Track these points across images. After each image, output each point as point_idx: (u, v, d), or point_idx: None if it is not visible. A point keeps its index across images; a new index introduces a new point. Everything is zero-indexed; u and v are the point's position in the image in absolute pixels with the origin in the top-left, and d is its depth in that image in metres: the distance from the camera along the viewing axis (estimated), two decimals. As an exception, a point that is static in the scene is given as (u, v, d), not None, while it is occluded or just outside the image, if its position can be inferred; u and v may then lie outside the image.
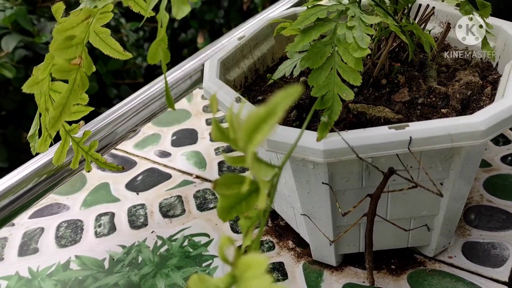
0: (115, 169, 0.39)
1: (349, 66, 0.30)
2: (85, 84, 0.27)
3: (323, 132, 0.30)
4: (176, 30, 1.84)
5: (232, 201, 0.23)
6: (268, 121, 0.19)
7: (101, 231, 0.49)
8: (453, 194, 0.35)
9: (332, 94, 0.30)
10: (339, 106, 0.30)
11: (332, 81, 0.31)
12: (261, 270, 0.20)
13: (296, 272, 0.41)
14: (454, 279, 0.38)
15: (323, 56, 0.31)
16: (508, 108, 0.30)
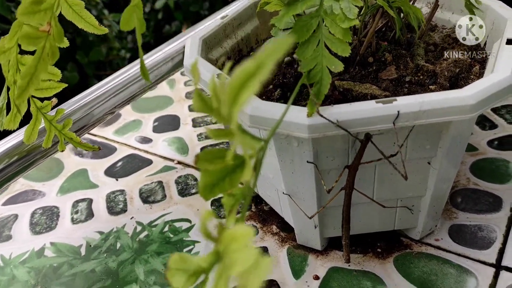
0: (91, 149, 0.37)
1: (337, 38, 0.29)
2: (55, 54, 0.25)
3: (314, 106, 0.29)
4: (160, 21, 1.81)
5: (215, 177, 0.22)
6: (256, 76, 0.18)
7: (78, 218, 0.47)
8: (440, 174, 0.35)
9: (320, 67, 0.29)
10: (328, 79, 0.29)
11: (320, 53, 0.29)
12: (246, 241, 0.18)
13: (280, 257, 0.40)
14: (440, 262, 0.38)
15: (310, 29, 0.30)
16: (498, 82, 0.29)
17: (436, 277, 0.37)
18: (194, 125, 0.59)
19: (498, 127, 0.52)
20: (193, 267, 0.21)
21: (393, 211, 0.38)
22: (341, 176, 0.33)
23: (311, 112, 0.29)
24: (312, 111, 0.29)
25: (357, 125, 0.29)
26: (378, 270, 0.38)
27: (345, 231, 0.35)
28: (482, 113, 0.54)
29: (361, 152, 0.31)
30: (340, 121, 0.29)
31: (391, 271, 0.38)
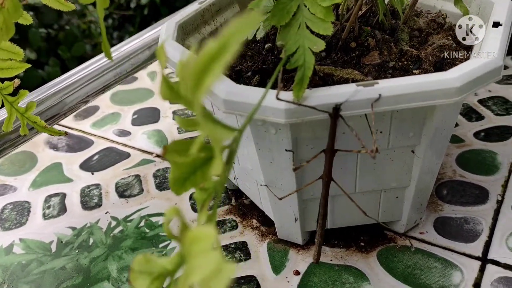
0: (57, 134, 0.35)
1: (318, 17, 0.28)
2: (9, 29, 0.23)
3: (299, 90, 0.27)
4: (147, 17, 1.78)
5: (186, 170, 0.20)
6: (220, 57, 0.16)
7: (50, 213, 0.45)
8: (424, 164, 0.33)
9: (303, 50, 0.28)
10: (312, 61, 0.27)
11: (301, 36, 0.28)
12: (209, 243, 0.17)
13: (260, 252, 0.39)
14: (425, 255, 0.36)
15: (290, 12, 0.28)
16: (484, 64, 0.28)
17: (420, 271, 0.35)
18: (174, 118, 0.58)
19: (485, 119, 0.50)
20: (157, 269, 0.19)
21: (376, 203, 0.36)
22: (315, 158, 0.31)
23: (297, 95, 0.27)
24: (299, 95, 0.27)
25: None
26: (360, 265, 0.36)
27: (319, 227, 0.32)
28: (469, 104, 0.53)
29: (332, 128, 0.28)
30: (318, 106, 0.27)
31: (374, 265, 0.36)
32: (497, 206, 0.40)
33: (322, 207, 0.31)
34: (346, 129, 0.30)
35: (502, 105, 0.52)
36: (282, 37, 0.28)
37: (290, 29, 0.27)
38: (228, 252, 0.39)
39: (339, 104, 0.26)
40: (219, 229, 0.41)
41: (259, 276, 0.36)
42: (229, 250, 0.39)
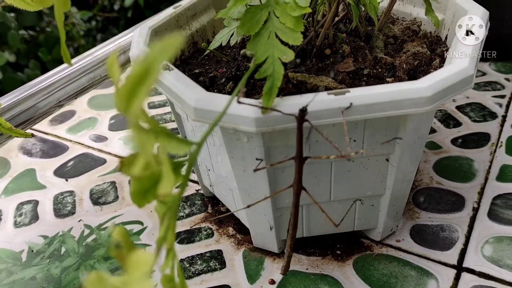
0: (23, 136, 0.34)
1: (288, 27, 0.27)
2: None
3: (268, 100, 0.26)
4: (130, 20, 1.77)
5: (146, 183, 0.20)
6: (145, 81, 0.16)
7: (22, 221, 0.44)
8: (399, 171, 0.33)
9: (272, 60, 0.27)
10: (281, 71, 0.27)
11: (271, 45, 0.27)
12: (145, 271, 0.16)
13: (235, 260, 0.38)
14: (401, 263, 0.36)
15: (260, 21, 0.28)
16: (455, 73, 0.28)
17: (396, 279, 0.35)
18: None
19: (462, 125, 0.51)
20: None
21: (352, 211, 0.36)
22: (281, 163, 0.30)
23: (266, 104, 0.26)
24: (268, 104, 0.27)
25: (309, 118, 0.27)
26: (336, 273, 0.36)
27: (289, 237, 0.31)
28: (447, 111, 0.53)
29: (299, 133, 0.27)
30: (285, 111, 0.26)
31: (350, 274, 0.36)
32: (473, 214, 0.40)
33: (293, 216, 0.31)
34: (319, 137, 0.30)
35: (480, 112, 0.52)
36: (252, 46, 0.27)
37: (260, 38, 0.27)
38: (203, 260, 0.38)
39: (305, 107, 0.26)
40: (195, 237, 0.40)
41: (233, 285, 0.36)
42: (204, 258, 0.38)
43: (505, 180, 0.43)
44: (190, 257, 0.39)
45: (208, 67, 0.39)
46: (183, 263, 0.38)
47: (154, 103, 0.60)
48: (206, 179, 0.42)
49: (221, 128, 0.30)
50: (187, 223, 0.42)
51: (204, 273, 0.37)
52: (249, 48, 0.28)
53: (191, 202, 0.44)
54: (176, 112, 0.39)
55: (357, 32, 0.38)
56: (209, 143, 0.35)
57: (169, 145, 0.17)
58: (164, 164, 0.17)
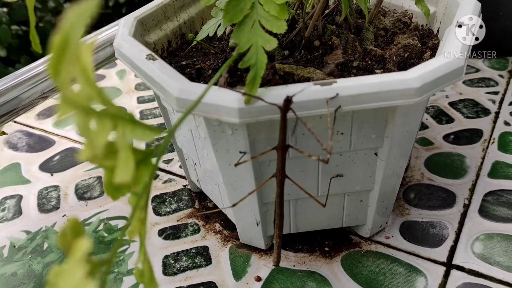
0: None
1: (272, 15, 0.26)
2: None
3: (252, 87, 0.26)
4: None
5: None
6: (67, 49, 0.15)
7: (4, 216, 0.43)
8: (388, 167, 0.32)
9: (255, 49, 0.26)
10: (264, 60, 0.26)
11: (255, 34, 0.27)
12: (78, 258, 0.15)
13: (221, 257, 0.37)
14: (390, 260, 0.35)
15: (243, 9, 0.27)
16: (445, 64, 0.27)
17: (384, 277, 0.34)
18: (141, 118, 0.56)
19: (455, 121, 0.50)
20: None
21: (340, 206, 0.35)
22: (263, 154, 0.29)
23: (250, 93, 0.26)
24: (252, 92, 0.26)
25: (294, 109, 0.26)
26: (324, 270, 0.35)
27: (277, 228, 0.31)
28: (439, 107, 0.52)
29: (282, 121, 0.27)
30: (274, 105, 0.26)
31: (338, 271, 0.35)
32: (464, 210, 0.39)
33: (278, 206, 0.30)
34: (305, 130, 0.29)
35: (473, 108, 0.52)
36: (236, 35, 0.26)
37: (244, 27, 0.26)
38: (189, 257, 0.37)
39: (290, 96, 0.25)
40: (181, 232, 0.40)
41: (219, 282, 0.35)
42: (189, 255, 0.37)
43: (497, 176, 0.42)
44: (175, 253, 0.38)
45: (195, 59, 0.38)
46: (168, 259, 0.37)
47: (143, 98, 0.59)
48: (193, 174, 0.41)
49: (205, 120, 0.29)
50: (174, 219, 0.41)
51: (189, 269, 0.36)
52: (233, 37, 0.27)
53: (178, 197, 0.43)
54: (162, 105, 0.38)
55: (347, 24, 0.37)
56: (194, 137, 0.34)
57: (132, 132, 0.17)
58: (121, 150, 0.16)
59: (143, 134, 0.17)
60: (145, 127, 0.17)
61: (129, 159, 0.16)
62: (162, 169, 0.47)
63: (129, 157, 0.16)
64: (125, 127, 0.16)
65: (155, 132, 0.18)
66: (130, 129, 0.16)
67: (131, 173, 0.16)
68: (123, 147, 0.16)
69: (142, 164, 0.19)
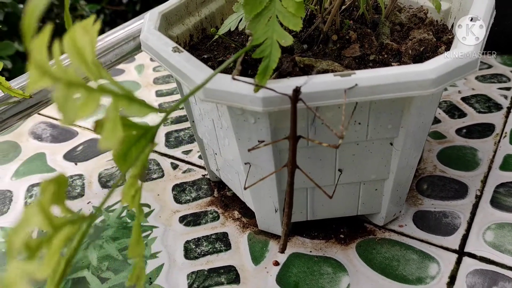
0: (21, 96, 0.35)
1: (289, 11, 0.28)
2: None
3: (262, 79, 0.27)
4: (139, 14, 1.77)
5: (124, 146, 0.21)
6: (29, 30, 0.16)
7: (32, 202, 0.45)
8: (403, 156, 0.33)
9: (270, 42, 0.28)
10: (277, 54, 0.28)
11: (271, 28, 0.28)
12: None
13: (241, 243, 0.39)
14: (403, 248, 0.37)
15: (263, 1, 0.29)
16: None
17: (398, 262, 0.36)
18: (160, 111, 0.57)
19: (467, 116, 0.51)
20: None
21: (356, 195, 0.37)
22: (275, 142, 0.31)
23: (260, 82, 0.27)
24: (262, 82, 0.27)
25: (314, 99, 0.27)
26: (339, 256, 0.37)
27: (285, 216, 0.32)
28: (452, 102, 0.53)
29: (293, 112, 0.28)
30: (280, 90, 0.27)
31: (353, 257, 0.37)
32: (476, 201, 0.40)
33: (288, 195, 0.32)
34: (324, 120, 0.30)
35: (485, 103, 0.53)
36: (252, 26, 0.28)
37: (261, 19, 0.28)
38: (209, 242, 0.39)
39: (299, 87, 0.26)
40: (201, 219, 0.41)
41: (238, 266, 0.37)
42: (209, 240, 0.39)
43: (508, 169, 0.43)
44: (196, 239, 0.39)
45: (216, 53, 0.40)
46: (189, 244, 0.39)
47: (162, 91, 0.61)
48: (213, 164, 0.43)
49: (229, 109, 0.30)
50: (194, 207, 0.43)
51: (209, 254, 0.38)
52: (249, 27, 0.28)
53: (197, 186, 0.45)
54: (185, 96, 0.39)
55: (363, 19, 0.38)
56: (216, 127, 0.36)
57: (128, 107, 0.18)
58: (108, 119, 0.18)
59: (139, 110, 0.19)
60: (142, 104, 0.19)
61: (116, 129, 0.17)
62: (182, 159, 0.49)
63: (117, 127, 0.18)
64: (119, 101, 0.18)
65: (151, 109, 0.19)
66: (125, 104, 0.18)
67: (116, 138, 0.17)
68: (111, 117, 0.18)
69: (142, 138, 0.20)
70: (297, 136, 0.29)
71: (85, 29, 0.18)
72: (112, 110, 0.18)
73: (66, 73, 0.17)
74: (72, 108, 0.17)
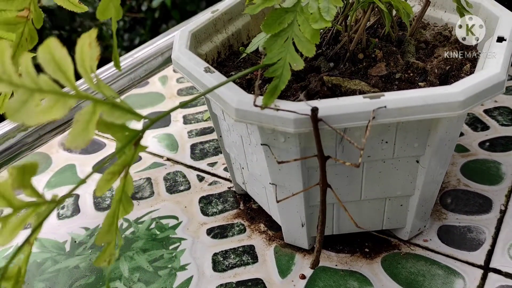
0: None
1: (305, 37, 0.29)
2: (34, 39, 0.25)
3: (269, 98, 0.28)
4: (157, 20, 1.80)
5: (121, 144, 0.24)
6: None
7: (64, 213, 0.47)
8: (428, 173, 0.34)
9: (283, 63, 0.29)
10: (288, 75, 0.29)
11: (285, 49, 0.29)
12: None
13: (267, 255, 0.40)
14: (428, 262, 0.37)
15: (282, 23, 0.30)
16: (488, 79, 0.29)
17: (423, 278, 0.36)
18: (184, 122, 0.59)
19: (490, 129, 0.51)
20: None
21: (381, 210, 0.37)
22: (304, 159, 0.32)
23: (265, 103, 0.28)
24: (267, 102, 0.28)
25: (344, 120, 0.28)
26: (365, 270, 0.37)
27: (319, 233, 0.33)
28: (475, 114, 0.54)
29: (315, 132, 0.29)
30: (325, 116, 0.28)
31: (378, 271, 0.37)
32: (500, 216, 0.41)
33: (321, 213, 0.32)
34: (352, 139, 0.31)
35: (508, 116, 0.53)
36: (268, 44, 0.29)
37: (278, 39, 0.29)
38: (236, 255, 0.40)
39: (315, 107, 0.27)
40: (228, 232, 0.42)
41: (266, 279, 0.38)
42: (237, 253, 0.40)
43: (533, 183, 0.43)
44: (223, 251, 0.40)
45: (243, 69, 0.41)
46: (217, 257, 0.40)
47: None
48: (239, 177, 0.44)
49: (259, 128, 0.31)
50: (220, 219, 0.44)
51: (237, 266, 0.39)
52: (265, 45, 0.29)
53: (223, 199, 0.46)
54: (213, 112, 0.40)
55: (389, 37, 0.39)
56: (245, 143, 0.37)
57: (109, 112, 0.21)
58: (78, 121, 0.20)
59: (120, 116, 0.21)
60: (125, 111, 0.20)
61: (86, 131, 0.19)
62: (208, 171, 0.50)
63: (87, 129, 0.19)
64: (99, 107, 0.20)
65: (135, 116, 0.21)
66: (106, 109, 0.20)
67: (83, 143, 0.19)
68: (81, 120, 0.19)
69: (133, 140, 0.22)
70: (325, 156, 0.30)
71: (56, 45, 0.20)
72: (83, 114, 0.20)
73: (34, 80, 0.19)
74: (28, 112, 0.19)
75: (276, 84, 0.29)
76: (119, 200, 0.24)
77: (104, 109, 0.21)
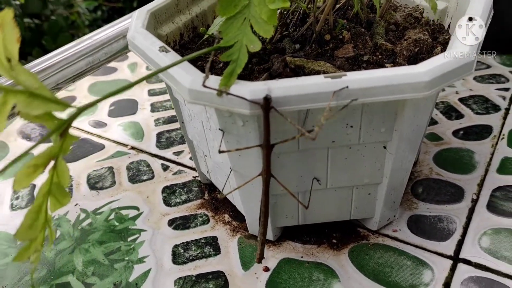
0: None
1: (262, 18, 0.27)
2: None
3: (227, 82, 0.26)
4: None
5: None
6: None
7: (18, 204, 0.44)
8: (397, 160, 0.32)
9: (239, 47, 0.27)
10: (245, 59, 0.27)
11: (242, 32, 0.27)
12: None
13: (230, 247, 0.38)
14: (397, 253, 0.36)
15: (237, 5, 0.28)
16: (455, 59, 0.27)
17: (391, 269, 0.35)
18: (152, 110, 0.56)
19: (465, 117, 0.50)
20: None
21: (349, 199, 0.36)
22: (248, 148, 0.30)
23: (222, 84, 0.26)
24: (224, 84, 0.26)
25: (303, 101, 0.26)
26: (331, 262, 0.36)
27: (261, 225, 0.31)
28: (449, 103, 0.52)
29: (265, 121, 0.27)
30: (284, 97, 0.26)
31: (345, 262, 0.36)
32: (472, 205, 0.39)
33: (263, 204, 0.31)
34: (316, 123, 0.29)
35: (483, 104, 0.52)
36: (224, 28, 0.27)
37: (234, 21, 0.27)
38: (198, 247, 0.38)
39: (269, 95, 0.25)
40: (190, 223, 0.40)
41: (227, 271, 0.36)
42: (198, 244, 0.38)
43: (505, 172, 0.42)
44: (184, 243, 0.38)
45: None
46: (178, 249, 0.38)
47: (154, 90, 0.60)
48: (203, 166, 0.42)
49: (216, 111, 0.29)
50: (183, 209, 0.42)
51: (198, 259, 0.37)
52: (220, 29, 0.28)
53: (188, 188, 0.44)
54: (174, 97, 0.38)
55: (358, 19, 0.37)
56: (205, 128, 0.35)
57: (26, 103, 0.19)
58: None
59: (39, 106, 0.20)
60: (46, 100, 0.20)
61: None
62: (173, 160, 0.48)
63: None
64: (13, 97, 0.19)
65: (59, 105, 0.19)
66: (23, 99, 0.19)
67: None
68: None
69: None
70: (270, 144, 0.29)
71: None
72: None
73: None
74: None
75: (233, 68, 0.27)
76: (46, 194, 0.22)
77: (20, 99, 0.20)
